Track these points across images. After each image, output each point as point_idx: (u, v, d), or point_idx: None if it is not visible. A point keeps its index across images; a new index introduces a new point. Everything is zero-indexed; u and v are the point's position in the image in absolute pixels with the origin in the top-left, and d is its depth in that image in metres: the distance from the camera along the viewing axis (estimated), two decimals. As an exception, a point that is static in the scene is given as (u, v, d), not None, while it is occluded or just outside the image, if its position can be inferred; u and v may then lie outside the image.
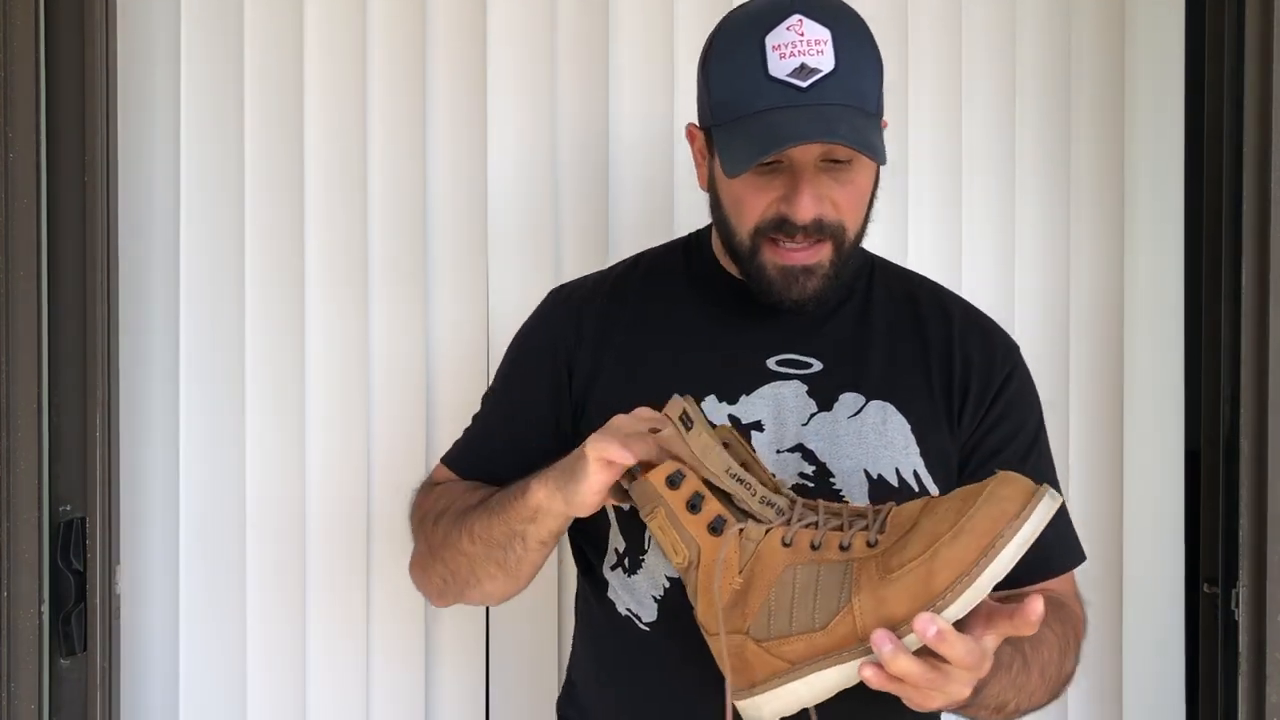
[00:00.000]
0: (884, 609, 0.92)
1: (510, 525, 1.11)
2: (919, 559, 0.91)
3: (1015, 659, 1.07)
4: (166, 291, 1.68)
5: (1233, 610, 1.44)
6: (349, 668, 1.70)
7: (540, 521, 1.09)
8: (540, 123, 1.72)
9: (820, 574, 0.96)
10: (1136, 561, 1.81)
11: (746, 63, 1.12)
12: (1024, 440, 1.25)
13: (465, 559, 1.17)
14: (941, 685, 0.92)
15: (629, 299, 1.27)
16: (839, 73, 1.10)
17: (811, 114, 1.09)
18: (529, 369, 1.29)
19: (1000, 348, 1.28)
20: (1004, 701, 1.08)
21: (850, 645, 0.94)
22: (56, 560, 1.41)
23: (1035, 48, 1.81)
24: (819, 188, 1.13)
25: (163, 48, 1.67)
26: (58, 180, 1.41)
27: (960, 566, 0.90)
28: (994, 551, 0.89)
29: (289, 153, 1.68)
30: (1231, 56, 1.49)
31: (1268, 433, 1.39)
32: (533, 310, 1.33)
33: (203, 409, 1.68)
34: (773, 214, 1.14)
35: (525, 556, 1.14)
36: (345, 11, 1.68)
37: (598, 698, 1.26)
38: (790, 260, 1.15)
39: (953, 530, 0.91)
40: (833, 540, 0.97)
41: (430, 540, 1.22)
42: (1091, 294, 1.82)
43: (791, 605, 0.96)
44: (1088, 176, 1.82)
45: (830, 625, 0.94)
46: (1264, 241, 1.40)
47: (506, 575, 1.16)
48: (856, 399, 1.20)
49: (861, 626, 0.93)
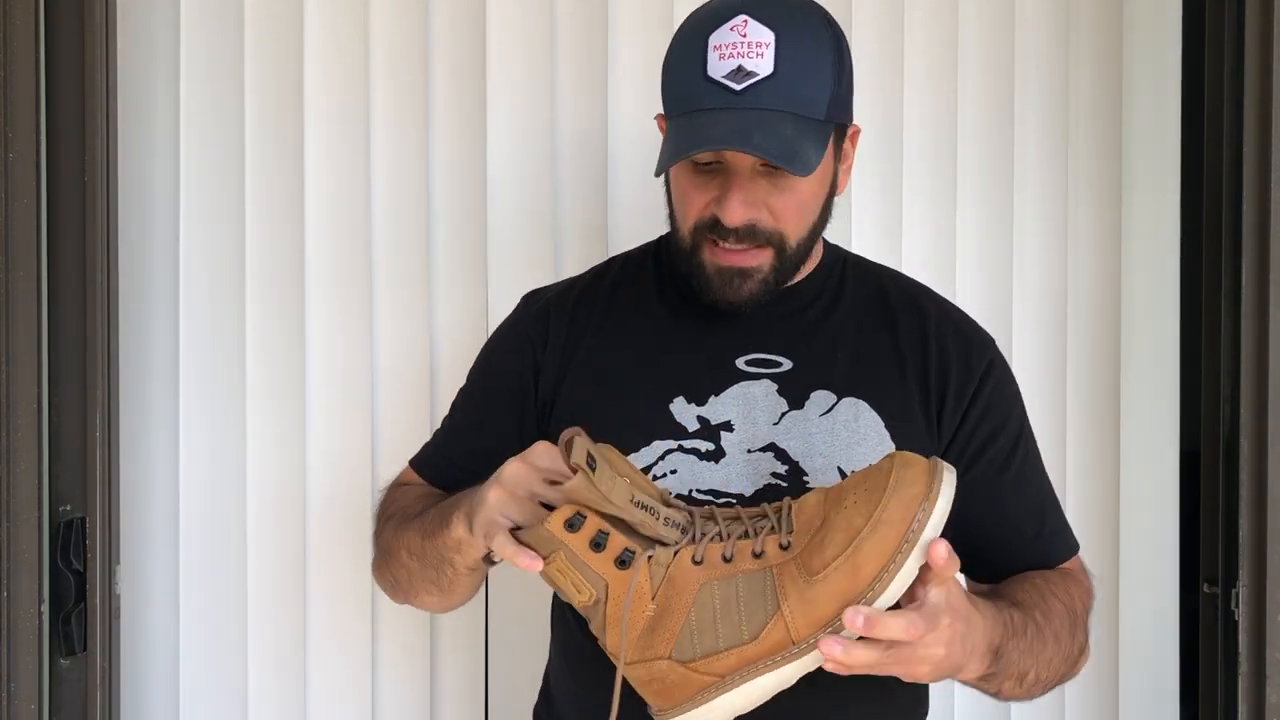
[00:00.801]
0: (815, 611, 0.92)
1: (438, 551, 1.11)
2: (841, 556, 0.92)
3: (1028, 625, 1.07)
4: (167, 291, 1.68)
5: (1233, 610, 1.44)
6: (350, 667, 1.70)
7: (464, 553, 1.08)
8: (540, 123, 1.72)
9: (739, 587, 0.95)
10: (1133, 561, 1.82)
11: (690, 61, 1.11)
12: (1010, 434, 1.23)
13: (405, 571, 1.18)
14: (909, 658, 0.93)
15: (598, 303, 1.27)
16: (777, 77, 1.08)
17: (739, 118, 1.07)
18: (495, 374, 1.29)
19: (977, 343, 1.26)
20: (1024, 670, 1.07)
21: (784, 649, 0.94)
22: (56, 560, 1.41)
23: (1033, 47, 1.81)
24: (753, 193, 1.12)
25: (163, 47, 1.67)
26: (58, 180, 1.41)
27: (883, 557, 0.91)
28: (914, 535, 0.91)
29: (289, 152, 1.68)
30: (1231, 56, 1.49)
31: (1268, 433, 1.39)
32: (506, 316, 1.33)
33: (204, 408, 1.68)
34: (709, 215, 1.13)
35: (456, 580, 1.13)
36: (346, 10, 1.68)
37: (573, 706, 1.25)
38: (727, 261, 1.14)
39: (870, 523, 0.91)
40: (744, 549, 0.96)
41: (380, 542, 1.24)
42: (1089, 293, 1.82)
43: (715, 622, 0.95)
44: (1086, 176, 1.82)
45: (762, 635, 0.94)
46: (1264, 241, 1.40)
47: (441, 593, 1.16)
48: (827, 396, 1.18)
49: (794, 631, 0.93)
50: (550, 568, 0.99)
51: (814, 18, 1.13)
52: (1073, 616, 1.15)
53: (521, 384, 1.25)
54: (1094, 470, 1.81)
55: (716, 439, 1.16)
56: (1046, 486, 1.27)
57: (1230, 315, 1.48)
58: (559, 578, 0.99)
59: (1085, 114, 1.82)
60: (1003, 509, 1.20)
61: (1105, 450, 1.82)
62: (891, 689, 1.10)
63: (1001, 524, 1.20)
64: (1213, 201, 1.62)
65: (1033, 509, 1.24)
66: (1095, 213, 1.82)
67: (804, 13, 1.13)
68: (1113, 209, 1.82)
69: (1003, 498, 1.21)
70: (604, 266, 1.33)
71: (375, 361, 1.70)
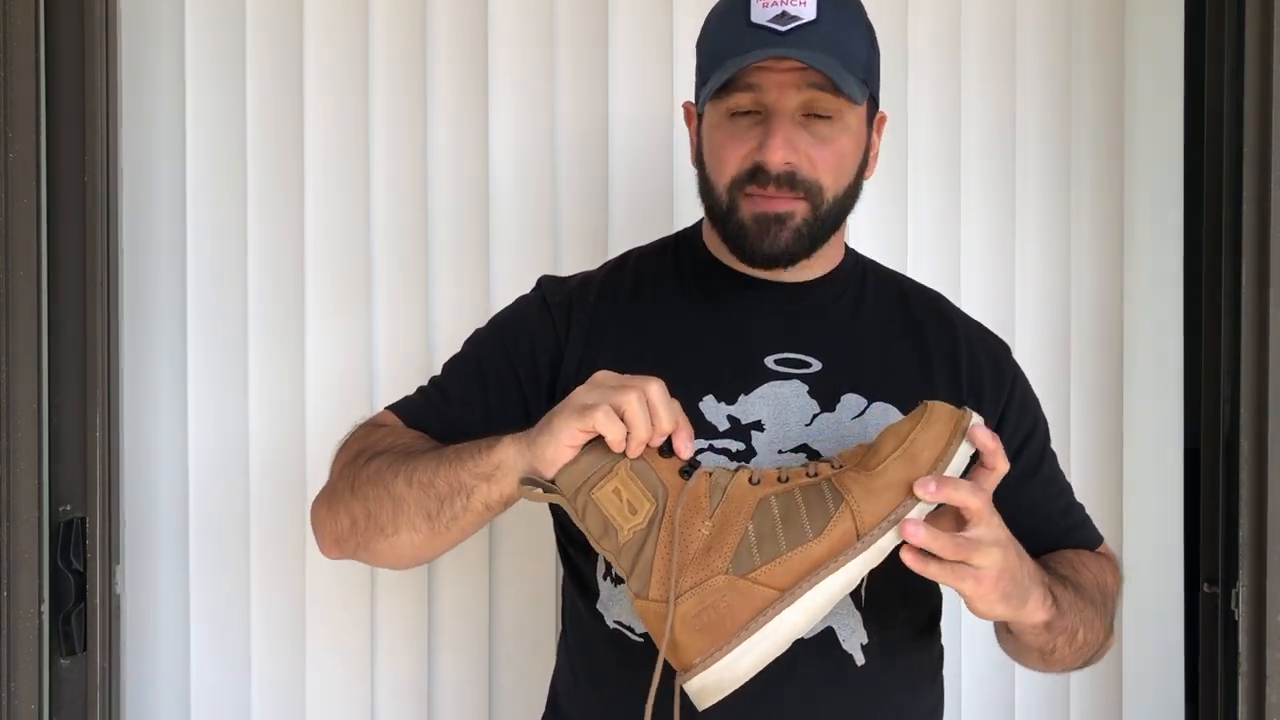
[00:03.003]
0: (880, 499, 0.93)
1: (460, 477, 1.04)
2: (896, 451, 0.95)
3: (1068, 583, 1.11)
4: (171, 291, 1.68)
5: (1233, 610, 1.44)
6: (353, 666, 1.70)
7: (495, 480, 1.02)
8: (540, 123, 1.72)
9: (799, 496, 0.96)
10: (1136, 561, 1.81)
11: (731, 15, 1.13)
12: (1040, 438, 1.27)
13: (391, 502, 1.08)
14: (974, 550, 0.94)
15: (619, 298, 1.24)
16: (820, 23, 1.09)
17: (783, 49, 1.08)
18: (507, 344, 1.24)
19: (1001, 351, 1.29)
20: (1074, 626, 1.11)
21: (850, 545, 0.93)
22: (56, 560, 1.41)
23: (1035, 48, 1.81)
24: (795, 138, 1.12)
25: (167, 48, 1.67)
26: (58, 180, 1.41)
27: (938, 446, 0.95)
28: (960, 431, 0.95)
29: (291, 151, 1.68)
30: (1231, 56, 1.49)
31: (1268, 433, 1.39)
32: (521, 295, 1.30)
33: (207, 408, 1.69)
34: (749, 164, 1.12)
35: (460, 517, 1.06)
36: (347, 10, 1.68)
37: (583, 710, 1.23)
38: (764, 207, 1.13)
39: (921, 425, 0.96)
40: (797, 472, 0.98)
41: (355, 476, 1.12)
42: (1091, 294, 1.82)
43: (776, 529, 0.95)
44: (1088, 177, 1.82)
45: (826, 529, 0.93)
46: (1264, 241, 1.40)
47: (431, 531, 1.07)
48: (859, 400, 1.17)
49: (861, 521, 0.93)
50: (606, 486, 0.96)
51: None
52: (1103, 591, 1.18)
53: (534, 361, 1.21)
54: (1098, 470, 1.81)
55: (747, 439, 1.14)
56: (1066, 482, 1.31)
57: (1230, 315, 1.48)
58: (611, 499, 0.96)
59: (1087, 117, 1.82)
60: (1034, 508, 1.22)
61: (1109, 451, 1.81)
62: (909, 706, 1.12)
63: (1033, 518, 1.20)
64: (1213, 202, 1.62)
65: (1061, 505, 1.28)
66: (1097, 214, 1.82)
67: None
68: (1115, 210, 1.82)
69: (1034, 498, 1.24)
70: (620, 260, 1.30)
71: (376, 361, 1.70)
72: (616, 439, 0.96)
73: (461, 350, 1.28)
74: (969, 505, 0.95)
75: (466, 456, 1.05)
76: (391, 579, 1.70)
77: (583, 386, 1.00)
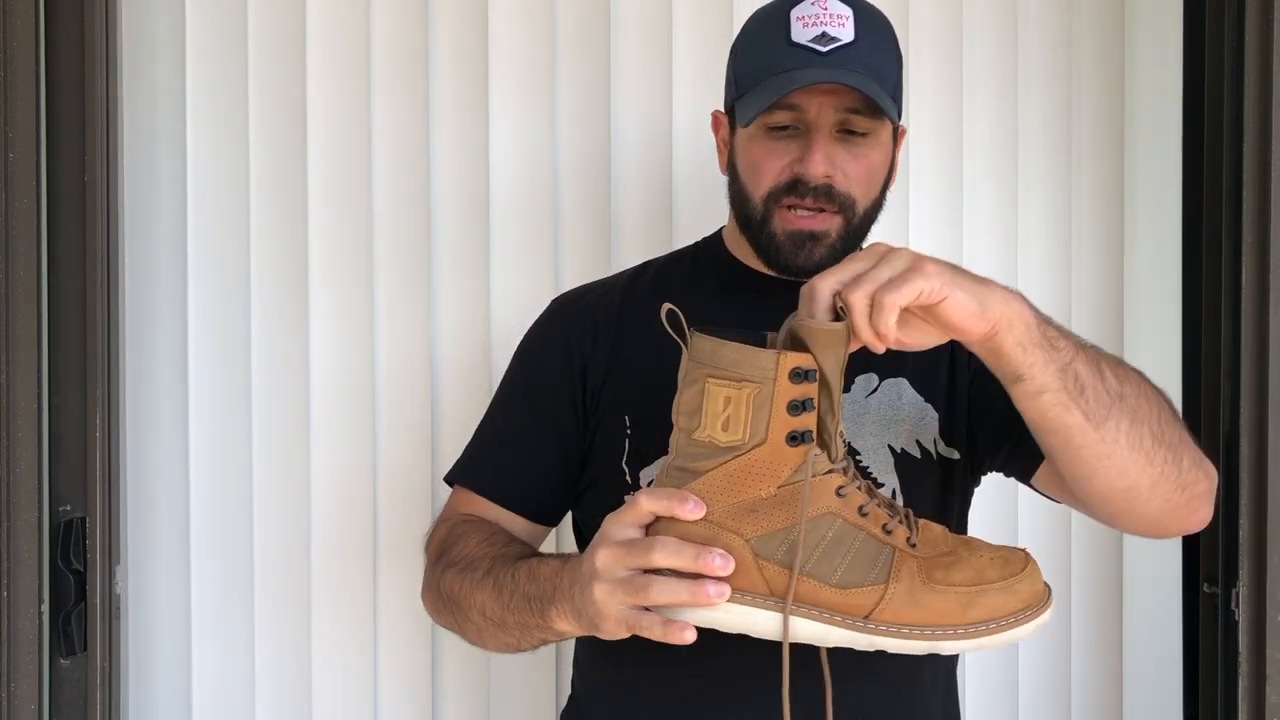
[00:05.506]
0: (916, 612, 0.92)
1: (529, 631, 1.06)
2: (963, 587, 0.93)
3: (1086, 347, 1.02)
4: (172, 291, 1.68)
5: (1233, 610, 1.43)
6: (356, 667, 1.70)
7: (567, 635, 1.04)
8: (542, 125, 1.72)
9: (859, 540, 0.93)
10: (1136, 561, 1.82)
11: (771, 34, 1.17)
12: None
13: (472, 626, 1.12)
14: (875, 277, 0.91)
15: (639, 304, 1.27)
16: (858, 45, 1.14)
17: (827, 73, 1.12)
18: (541, 366, 1.27)
19: None
20: (1118, 395, 1.00)
21: (852, 617, 0.92)
22: (56, 560, 1.41)
23: (1036, 49, 1.81)
24: (833, 153, 1.16)
25: (167, 46, 1.67)
26: (58, 180, 1.41)
27: (994, 613, 0.93)
28: (1026, 617, 0.94)
29: (293, 153, 1.68)
30: (1231, 56, 1.49)
31: (1268, 433, 1.39)
32: (536, 320, 1.33)
33: (209, 408, 1.69)
34: (787, 177, 1.17)
35: (538, 642, 1.09)
36: (348, 11, 1.68)
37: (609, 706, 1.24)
38: (799, 225, 1.17)
39: (1002, 584, 0.94)
40: (878, 518, 0.95)
41: (440, 587, 1.17)
42: (1091, 294, 1.82)
43: (816, 548, 0.92)
44: (1088, 177, 1.82)
45: (850, 590, 0.92)
46: (1264, 241, 1.40)
47: (515, 649, 1.12)
48: (871, 378, 1.22)
49: (880, 610, 0.92)
50: (718, 382, 0.92)
51: (879, 11, 1.21)
52: (1159, 404, 1.06)
53: (569, 379, 1.24)
54: (1095, 471, 1.81)
55: None
56: None
57: (1230, 316, 1.48)
58: (716, 404, 0.91)
59: (1087, 119, 1.82)
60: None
61: (1106, 451, 1.81)
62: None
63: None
64: (1212, 202, 1.62)
65: None
66: (1098, 214, 1.82)
67: (872, 7, 1.20)
68: (1115, 210, 1.82)
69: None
70: (640, 269, 1.34)
71: (378, 361, 1.70)
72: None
73: (501, 391, 1.31)
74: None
75: (525, 615, 1.04)
76: (395, 575, 1.70)
77: (600, 553, 0.94)
